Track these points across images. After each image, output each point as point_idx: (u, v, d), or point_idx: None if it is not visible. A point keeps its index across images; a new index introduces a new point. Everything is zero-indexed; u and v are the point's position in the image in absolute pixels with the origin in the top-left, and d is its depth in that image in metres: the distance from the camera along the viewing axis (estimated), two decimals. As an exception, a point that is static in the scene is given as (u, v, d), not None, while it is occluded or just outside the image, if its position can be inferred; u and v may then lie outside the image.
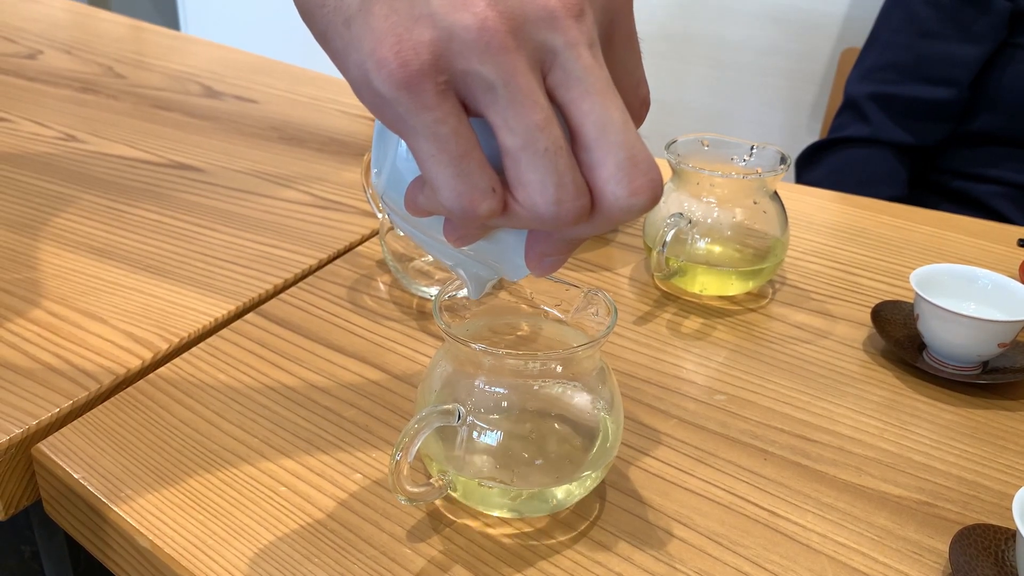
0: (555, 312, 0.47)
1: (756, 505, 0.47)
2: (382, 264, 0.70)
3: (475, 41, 0.28)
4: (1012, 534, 0.44)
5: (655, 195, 0.30)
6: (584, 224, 0.31)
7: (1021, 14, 1.05)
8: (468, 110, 0.30)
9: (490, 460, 0.43)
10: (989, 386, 0.57)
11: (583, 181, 0.30)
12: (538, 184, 0.30)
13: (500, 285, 0.48)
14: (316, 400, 0.54)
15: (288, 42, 2.21)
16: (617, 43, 0.33)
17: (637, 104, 0.34)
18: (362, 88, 0.30)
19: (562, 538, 0.45)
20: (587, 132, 0.30)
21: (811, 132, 1.67)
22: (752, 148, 0.65)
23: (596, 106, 0.30)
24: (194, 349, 0.58)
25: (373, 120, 0.38)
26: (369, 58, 0.29)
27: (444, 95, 0.29)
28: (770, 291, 0.68)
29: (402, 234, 0.64)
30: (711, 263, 0.64)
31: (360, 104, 1.08)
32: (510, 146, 0.30)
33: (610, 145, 0.30)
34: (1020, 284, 0.59)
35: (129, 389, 0.55)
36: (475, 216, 0.30)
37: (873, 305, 0.63)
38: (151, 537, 0.44)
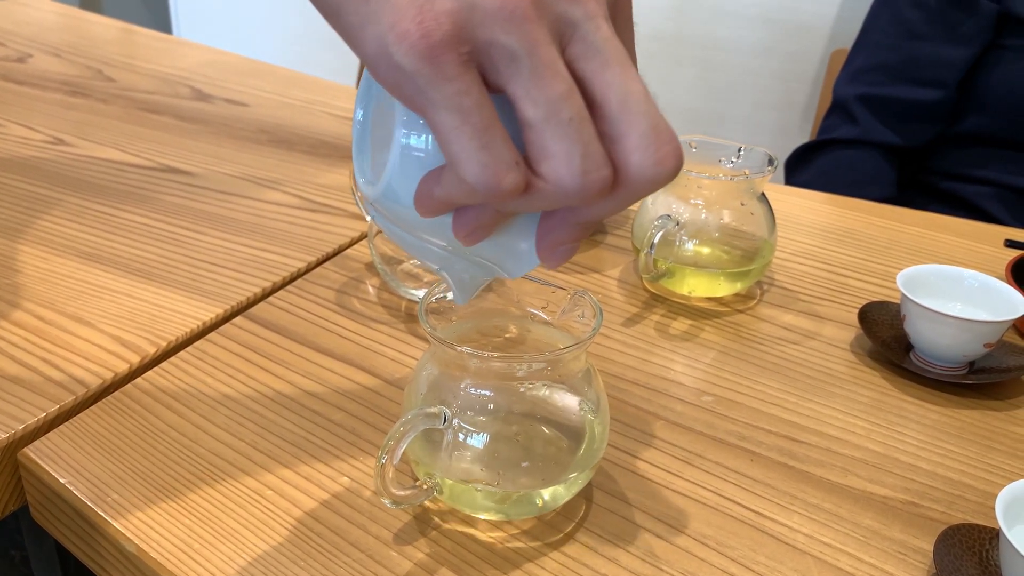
0: (542, 314, 0.48)
1: (743, 506, 0.47)
2: (370, 267, 0.70)
3: (498, 11, 0.28)
4: (996, 533, 0.44)
5: (678, 163, 0.30)
6: (607, 199, 0.31)
7: (1008, 15, 1.05)
8: (487, 84, 0.29)
9: (476, 462, 0.43)
10: (975, 386, 0.57)
11: (605, 152, 0.30)
12: (563, 155, 0.29)
13: (488, 288, 0.48)
14: (304, 404, 0.54)
15: (279, 45, 2.21)
16: (618, 23, 0.33)
17: None
18: (380, 62, 0.29)
19: (548, 540, 0.45)
20: (609, 103, 0.30)
21: (803, 133, 1.68)
22: (740, 150, 0.65)
23: (617, 77, 0.30)
24: (182, 353, 0.58)
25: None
26: (390, 31, 0.28)
27: (466, 66, 0.29)
28: (758, 292, 0.68)
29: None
30: (699, 265, 0.64)
31: (349, 107, 1.08)
32: (532, 118, 0.29)
33: (633, 115, 0.30)
34: (1006, 285, 0.60)
35: (116, 393, 0.54)
36: (499, 192, 0.29)
37: (860, 306, 0.64)
38: (138, 542, 0.44)
